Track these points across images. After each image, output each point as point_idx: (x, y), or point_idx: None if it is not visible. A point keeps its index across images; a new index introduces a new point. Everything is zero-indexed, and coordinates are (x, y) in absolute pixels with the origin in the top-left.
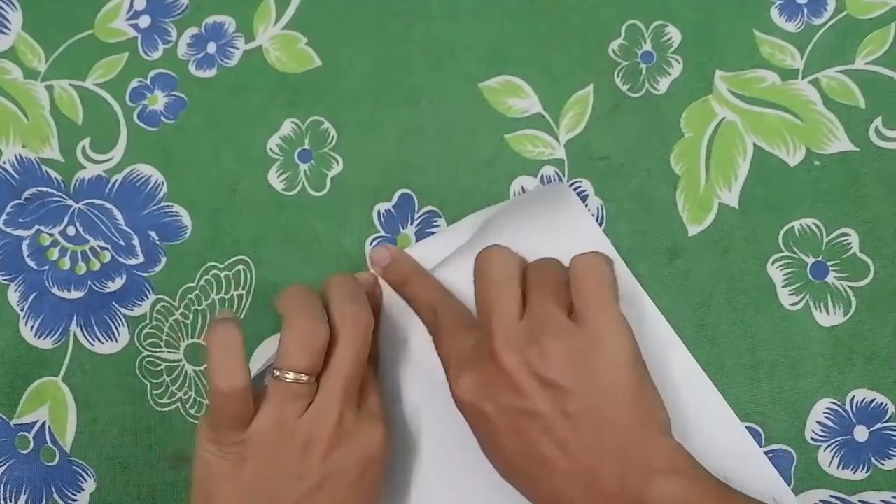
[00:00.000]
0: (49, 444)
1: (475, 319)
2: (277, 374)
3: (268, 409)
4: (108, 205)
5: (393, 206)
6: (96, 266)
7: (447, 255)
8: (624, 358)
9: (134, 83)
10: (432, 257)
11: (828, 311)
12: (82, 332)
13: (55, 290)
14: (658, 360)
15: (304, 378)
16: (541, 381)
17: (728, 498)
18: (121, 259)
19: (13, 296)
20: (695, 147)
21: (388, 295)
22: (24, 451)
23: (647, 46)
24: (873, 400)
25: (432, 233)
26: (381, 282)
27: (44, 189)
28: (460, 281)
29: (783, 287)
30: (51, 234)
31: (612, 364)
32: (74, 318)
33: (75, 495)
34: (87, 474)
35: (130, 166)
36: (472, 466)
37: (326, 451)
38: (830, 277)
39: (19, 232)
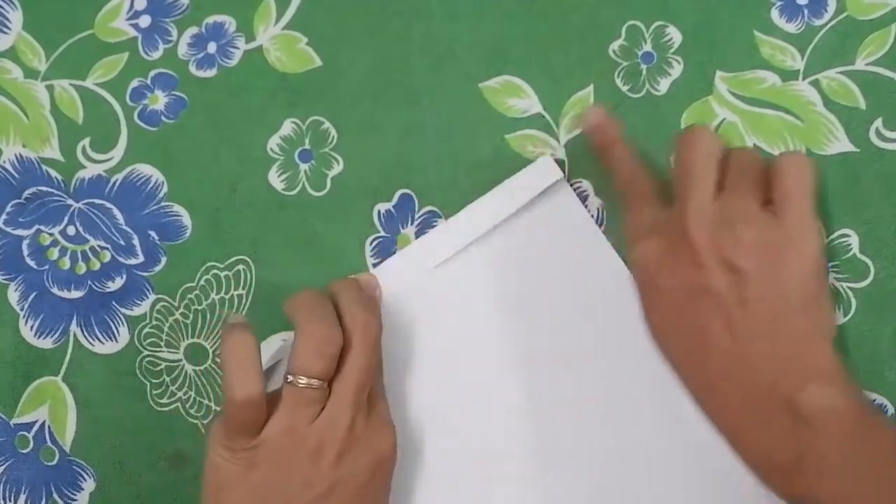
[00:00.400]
0: (49, 443)
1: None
2: (290, 378)
3: (280, 414)
4: (108, 204)
5: (393, 206)
6: (96, 266)
7: (448, 255)
8: (811, 260)
9: (134, 83)
10: (433, 256)
11: None
12: (82, 331)
13: (55, 290)
14: (657, 360)
15: (317, 383)
16: (727, 265)
17: (873, 414)
18: (121, 259)
19: (13, 295)
20: None
21: (390, 295)
22: (24, 451)
23: (648, 47)
24: (873, 401)
25: None
26: (381, 283)
27: (44, 189)
28: (466, 279)
29: None
30: (51, 234)
31: (799, 263)
32: (74, 317)
33: (75, 495)
34: (87, 474)
35: (131, 166)
36: (476, 469)
37: (337, 458)
38: (830, 278)
39: (19, 231)
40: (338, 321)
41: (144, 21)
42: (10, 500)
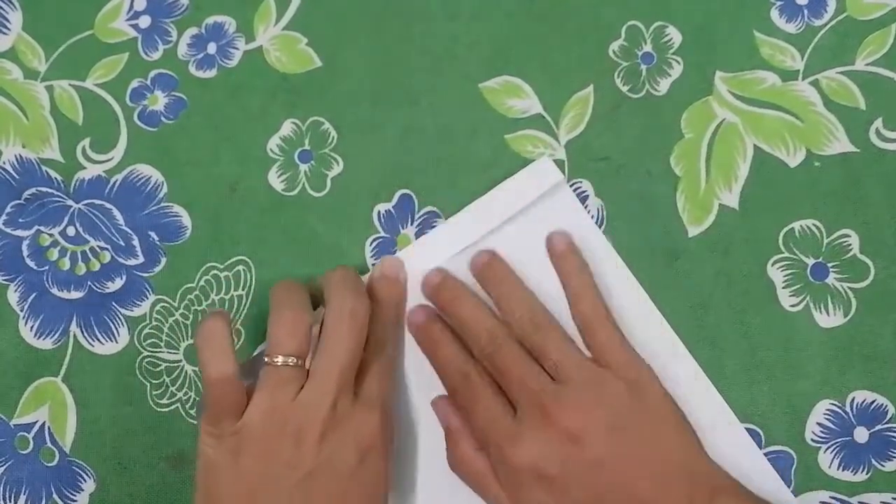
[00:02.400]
0: (49, 444)
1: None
2: (267, 360)
3: (259, 395)
4: (108, 205)
5: (393, 207)
6: (96, 266)
7: (448, 255)
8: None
9: (134, 83)
10: (432, 258)
11: (828, 313)
12: (82, 332)
13: (55, 291)
14: (657, 361)
15: (293, 360)
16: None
17: None
18: (121, 259)
19: (13, 296)
20: (695, 148)
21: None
22: (24, 452)
23: (648, 47)
24: (873, 401)
25: None
26: (407, 268)
27: (44, 189)
28: (466, 280)
29: (783, 288)
30: (51, 235)
31: (656, 398)
32: (74, 318)
33: (75, 496)
34: (87, 474)
35: (130, 166)
36: None
37: (319, 438)
38: (831, 278)
39: (19, 232)
40: (308, 305)
41: (144, 21)
42: (10, 501)
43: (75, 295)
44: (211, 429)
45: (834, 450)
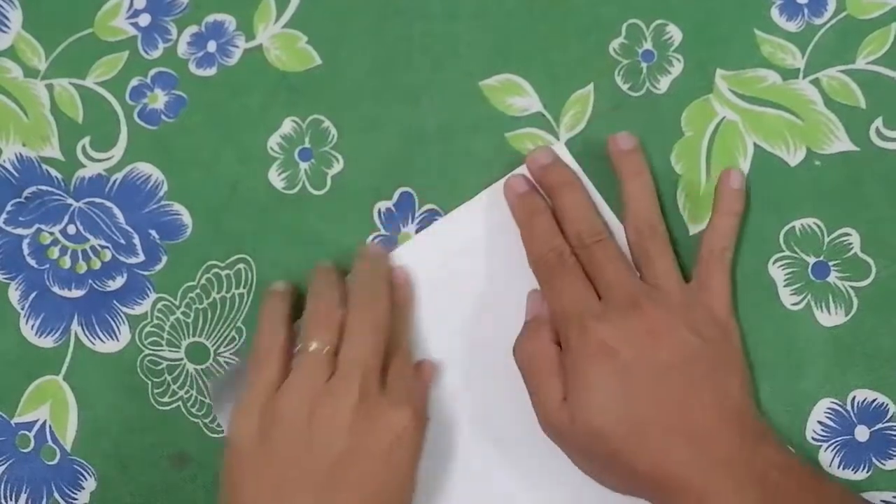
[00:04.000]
0: (50, 442)
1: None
2: (301, 346)
3: (291, 378)
4: (108, 203)
5: (393, 205)
6: (97, 265)
7: (445, 252)
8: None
9: (134, 82)
10: (430, 254)
11: (829, 311)
12: (83, 330)
13: (56, 289)
14: None
15: (321, 347)
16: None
17: (815, 472)
18: (121, 258)
19: (14, 294)
20: (695, 146)
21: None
22: (25, 450)
23: (648, 45)
24: (874, 400)
25: None
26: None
27: (44, 188)
28: (473, 273)
29: (784, 287)
30: (51, 233)
31: (734, 339)
32: (75, 316)
33: (76, 494)
34: (88, 473)
35: (131, 165)
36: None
37: (349, 425)
38: (832, 277)
39: (20, 231)
40: (342, 299)
41: (144, 20)
42: (10, 500)
43: (76, 293)
44: (245, 406)
45: (835, 448)
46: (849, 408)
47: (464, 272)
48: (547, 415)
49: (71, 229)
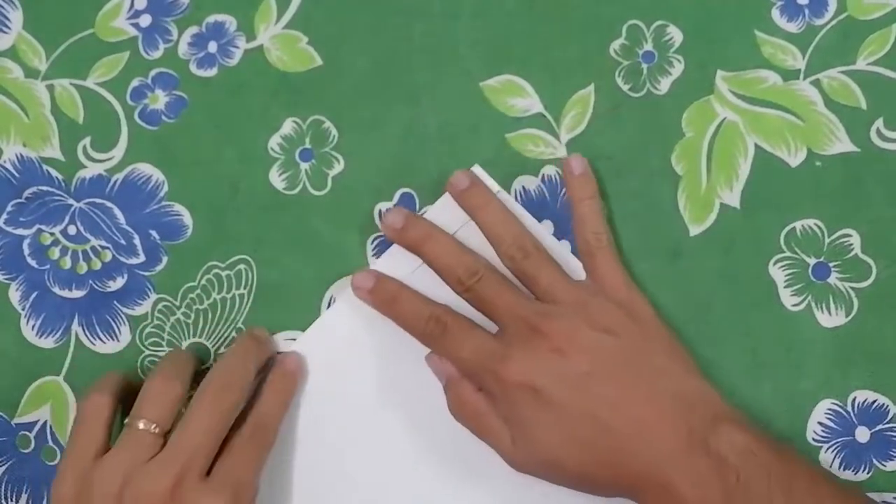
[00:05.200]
0: (50, 443)
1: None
2: (128, 421)
3: (113, 451)
4: (108, 204)
5: (394, 206)
6: (97, 265)
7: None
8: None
9: (135, 82)
10: (327, 343)
11: (829, 312)
12: (84, 331)
13: (56, 290)
14: None
15: (153, 427)
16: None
17: (781, 450)
18: (122, 258)
19: (14, 295)
20: (696, 147)
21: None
22: (26, 451)
23: (649, 46)
24: (875, 401)
25: None
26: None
27: (45, 188)
28: (366, 360)
29: (785, 287)
30: (52, 234)
31: (648, 320)
32: (76, 317)
33: None
34: None
35: (131, 165)
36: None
37: None
38: (832, 278)
39: (20, 231)
40: (185, 376)
41: (145, 20)
42: (11, 500)
43: (77, 294)
44: (67, 468)
45: (835, 449)
46: (849, 409)
47: (356, 360)
48: (505, 458)
49: (71, 230)
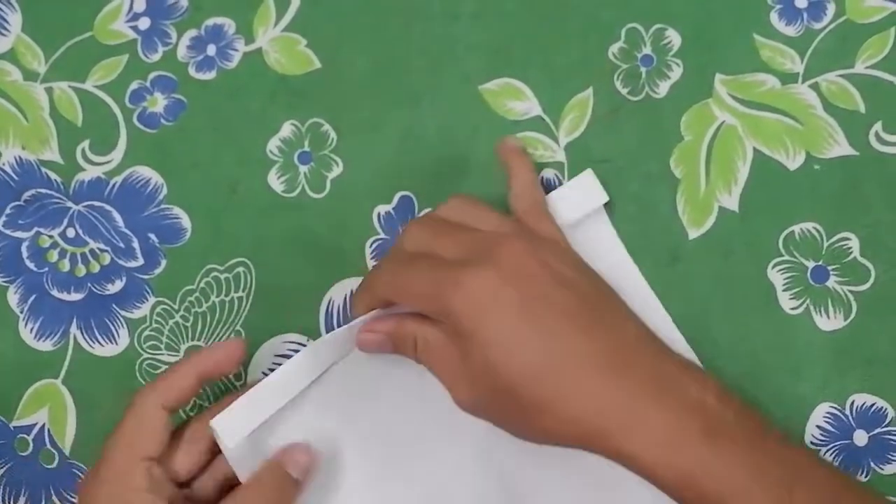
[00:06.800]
0: (48, 446)
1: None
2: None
3: None
4: (107, 207)
5: (393, 209)
6: (96, 268)
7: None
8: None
9: (133, 85)
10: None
11: (828, 316)
12: (82, 334)
13: (55, 292)
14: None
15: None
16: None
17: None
18: (120, 261)
19: (13, 297)
20: (695, 150)
21: None
22: (24, 454)
23: (647, 50)
24: (873, 404)
25: None
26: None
27: (43, 191)
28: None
29: (783, 291)
30: (50, 236)
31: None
32: (74, 320)
33: (75, 498)
34: None
35: (130, 168)
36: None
37: None
38: (831, 282)
39: (19, 234)
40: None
41: (144, 23)
42: (9, 503)
43: (75, 297)
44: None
45: (833, 453)
46: (847, 412)
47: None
48: (455, 391)
49: (70, 232)
